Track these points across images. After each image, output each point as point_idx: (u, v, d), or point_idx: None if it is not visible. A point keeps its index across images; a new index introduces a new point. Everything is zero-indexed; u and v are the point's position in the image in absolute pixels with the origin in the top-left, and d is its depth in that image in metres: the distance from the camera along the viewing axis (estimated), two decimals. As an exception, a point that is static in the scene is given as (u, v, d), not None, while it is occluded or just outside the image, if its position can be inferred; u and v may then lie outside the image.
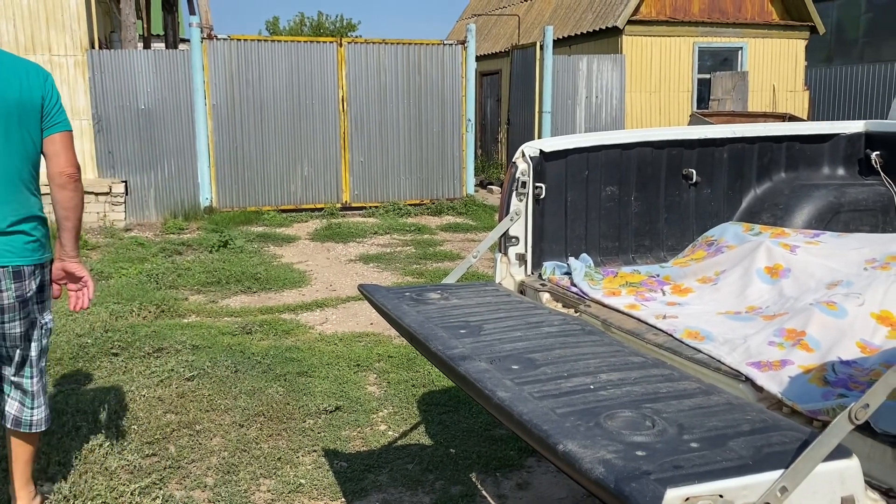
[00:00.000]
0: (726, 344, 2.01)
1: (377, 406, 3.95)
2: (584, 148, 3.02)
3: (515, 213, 2.90)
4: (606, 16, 14.02)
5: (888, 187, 3.26)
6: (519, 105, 12.96)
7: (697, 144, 3.16)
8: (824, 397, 1.69)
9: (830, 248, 2.48)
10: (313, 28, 39.31)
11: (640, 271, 2.84)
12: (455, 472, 3.27)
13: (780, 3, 14.73)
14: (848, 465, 1.33)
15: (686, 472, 1.26)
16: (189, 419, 3.73)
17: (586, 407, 1.55)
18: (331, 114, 10.67)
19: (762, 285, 2.40)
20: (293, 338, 5.16)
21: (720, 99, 13.33)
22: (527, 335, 2.07)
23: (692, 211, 3.21)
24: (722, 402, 1.58)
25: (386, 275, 7.19)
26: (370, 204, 10.92)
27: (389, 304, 2.38)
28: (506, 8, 18.89)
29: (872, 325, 2.01)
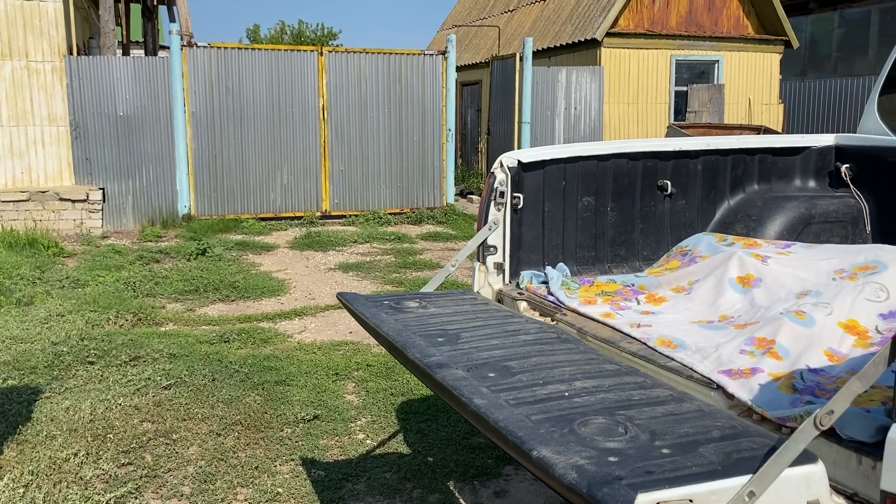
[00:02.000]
0: (698, 352, 2.05)
1: (355, 415, 3.95)
2: (561, 159, 3.07)
3: (494, 223, 2.93)
4: (585, 28, 14.17)
5: (857, 199, 3.34)
6: (499, 115, 13.05)
7: (672, 156, 3.21)
8: (792, 404, 1.73)
9: (801, 258, 2.53)
10: (294, 37, 39.28)
11: (616, 280, 2.88)
12: (433, 480, 3.28)
13: (756, 18, 14.98)
14: (813, 471, 1.37)
15: (657, 478, 1.29)
16: (166, 428, 3.71)
17: (561, 414, 1.57)
18: (311, 122, 10.68)
19: (734, 295, 2.45)
20: (271, 346, 5.15)
21: (697, 111, 13.51)
22: (504, 343, 2.09)
23: (667, 221, 3.26)
24: (693, 409, 1.61)
25: (365, 283, 7.20)
26: (350, 212, 10.92)
27: (368, 313, 2.40)
28: (486, 19, 19.02)
29: (840, 334, 2.06)
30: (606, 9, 13.88)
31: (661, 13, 14.40)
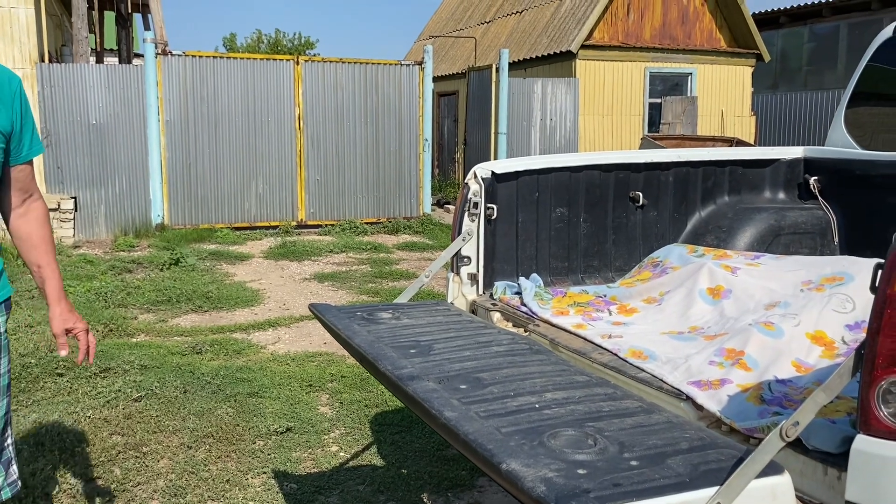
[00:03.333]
0: (668, 363, 2.06)
1: (329, 427, 3.92)
2: (534, 170, 3.08)
3: (467, 234, 2.93)
4: (561, 40, 14.29)
5: (825, 211, 3.39)
6: (475, 126, 13.10)
7: (644, 168, 3.24)
8: (760, 415, 1.75)
9: (769, 269, 2.56)
10: (271, 45, 39.17)
11: (588, 291, 2.89)
12: (406, 492, 3.26)
13: (728, 31, 15.21)
14: (780, 482, 1.38)
15: (625, 490, 1.29)
16: (136, 441, 3.65)
17: (531, 426, 1.57)
18: (287, 131, 10.63)
19: (704, 306, 2.47)
20: (244, 358, 5.10)
21: (671, 123, 13.66)
22: (476, 354, 2.09)
23: (639, 232, 3.29)
24: (662, 421, 1.62)
25: (341, 293, 7.16)
26: (326, 222, 10.88)
27: (340, 324, 2.39)
28: (463, 30, 19.11)
29: (807, 345, 2.08)
30: (582, 21, 14.02)
31: (635, 26, 14.56)
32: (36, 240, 2.07)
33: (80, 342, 2.16)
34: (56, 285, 2.10)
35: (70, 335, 2.13)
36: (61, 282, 2.13)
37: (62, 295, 2.11)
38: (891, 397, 1.31)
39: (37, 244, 2.07)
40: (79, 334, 2.14)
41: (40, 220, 2.09)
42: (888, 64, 3.34)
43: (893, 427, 1.30)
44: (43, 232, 2.09)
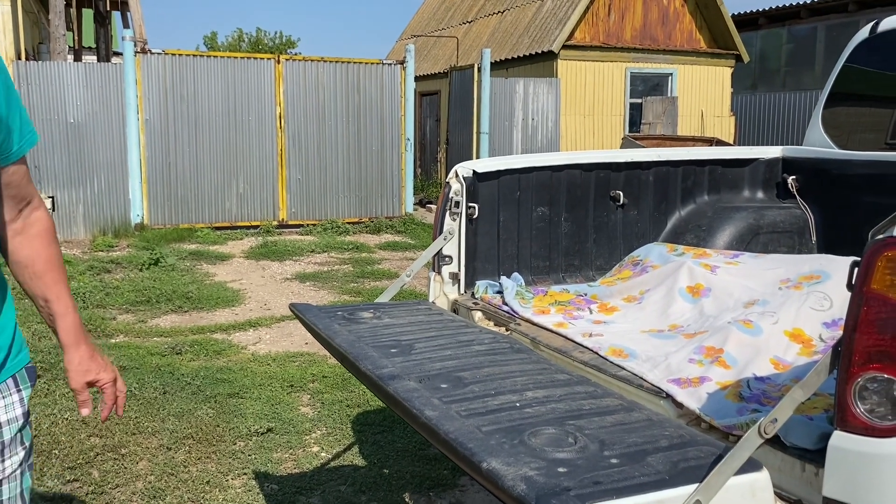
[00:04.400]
0: (648, 361, 2.07)
1: (310, 427, 3.90)
2: (515, 169, 3.08)
3: (449, 233, 2.93)
4: (542, 40, 14.33)
5: (803, 210, 3.42)
6: (458, 125, 13.10)
7: (624, 167, 3.26)
8: (739, 412, 1.76)
9: (748, 268, 2.58)
10: (252, 44, 38.94)
11: (569, 290, 2.90)
12: (388, 492, 3.25)
13: (708, 32, 15.33)
14: (758, 478, 1.39)
15: (605, 488, 1.29)
16: (114, 443, 3.61)
17: (511, 424, 1.57)
18: (268, 130, 10.57)
19: (684, 304, 2.48)
20: (225, 358, 5.06)
21: (651, 123, 13.75)
22: (457, 354, 2.09)
23: (619, 231, 3.30)
24: (642, 419, 1.63)
25: (323, 293, 7.13)
26: (308, 222, 10.83)
27: (320, 324, 2.37)
28: (445, 30, 19.11)
29: (785, 343, 2.10)
30: (563, 21, 14.07)
31: (616, 26, 14.64)
32: (41, 265, 1.51)
33: (107, 395, 1.62)
34: (73, 324, 1.56)
35: (94, 388, 1.60)
36: (79, 319, 1.58)
37: (81, 336, 1.57)
38: (867, 394, 1.33)
39: (42, 271, 1.51)
40: (105, 387, 1.60)
41: (44, 236, 1.53)
42: (864, 65, 3.38)
43: (869, 423, 1.32)
44: (49, 253, 1.53)
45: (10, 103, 1.42)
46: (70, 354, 1.57)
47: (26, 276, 1.53)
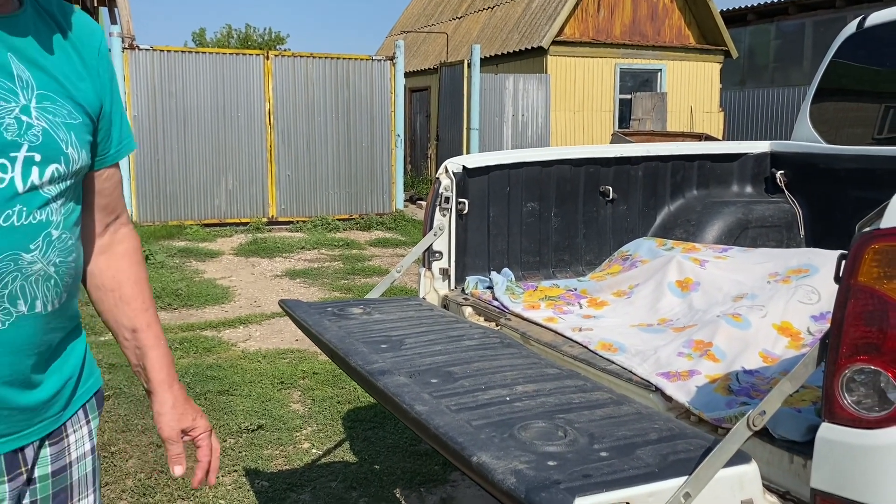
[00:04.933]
0: (638, 355, 2.08)
1: (301, 424, 3.89)
2: (505, 165, 3.08)
3: (439, 229, 2.93)
4: (532, 36, 14.33)
5: (792, 204, 3.44)
6: (448, 122, 13.09)
7: (614, 162, 3.26)
8: (728, 405, 1.77)
9: (737, 262, 2.60)
10: (241, 40, 38.77)
11: (559, 285, 2.90)
12: (379, 488, 3.25)
13: (697, 28, 15.38)
14: (747, 470, 1.39)
15: (595, 481, 1.30)
16: (103, 440, 3.59)
17: (501, 418, 1.57)
18: (257, 127, 10.53)
19: (673, 298, 2.49)
20: (214, 355, 5.05)
21: (641, 119, 13.78)
22: (447, 349, 2.09)
23: (609, 226, 3.31)
24: (632, 412, 1.63)
25: (313, 290, 7.12)
26: (298, 218, 10.81)
27: (310, 320, 2.37)
28: (435, 25, 19.08)
29: (774, 336, 2.11)
30: (552, 17, 14.07)
31: (605, 22, 14.66)
32: (129, 289, 1.32)
33: (201, 452, 1.37)
34: (165, 359, 1.35)
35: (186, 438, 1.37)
36: (171, 356, 1.38)
37: (174, 376, 1.36)
38: (854, 386, 1.33)
39: (130, 296, 1.32)
40: (199, 438, 1.37)
41: (131, 256, 1.34)
42: (851, 60, 3.40)
43: (857, 415, 1.32)
44: (137, 275, 1.34)
45: (114, 98, 1.27)
46: (162, 395, 1.33)
47: (110, 301, 1.31)
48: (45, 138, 1.10)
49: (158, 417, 1.33)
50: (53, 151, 1.11)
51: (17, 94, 1.08)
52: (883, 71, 3.36)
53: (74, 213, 1.20)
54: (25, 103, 1.09)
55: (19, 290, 1.09)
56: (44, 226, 1.11)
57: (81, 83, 1.18)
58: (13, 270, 1.08)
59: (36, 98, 1.10)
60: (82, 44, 1.21)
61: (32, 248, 1.10)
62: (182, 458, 1.34)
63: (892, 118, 3.32)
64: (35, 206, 1.09)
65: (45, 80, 1.13)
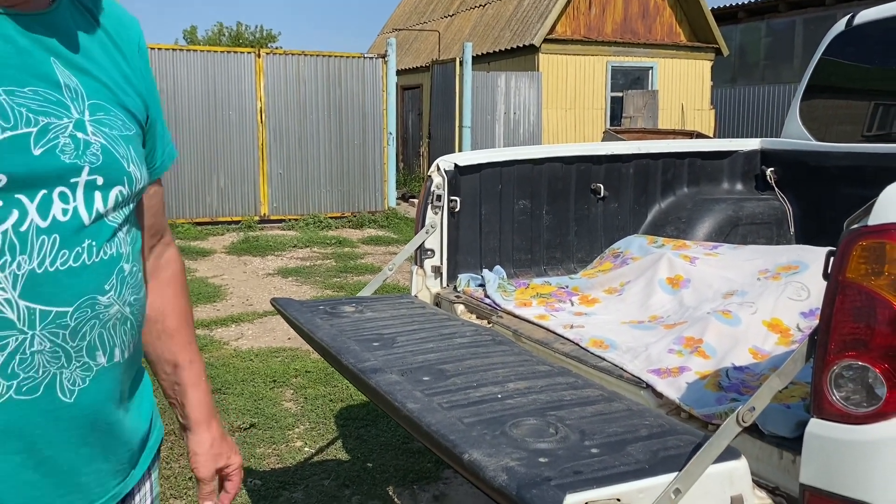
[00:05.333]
0: (629, 352, 2.09)
1: (293, 422, 3.89)
2: (497, 162, 3.09)
3: (431, 226, 2.93)
4: (524, 34, 14.34)
5: (781, 201, 3.46)
6: (440, 119, 13.09)
7: (605, 160, 3.27)
8: (718, 402, 1.78)
9: (727, 259, 2.61)
10: (232, 38, 38.63)
11: (551, 283, 2.91)
12: (372, 486, 3.25)
13: (688, 26, 15.41)
14: (737, 466, 1.40)
15: (585, 478, 1.30)
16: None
17: (493, 416, 1.58)
18: (248, 125, 10.50)
19: (664, 295, 2.50)
20: (206, 354, 5.03)
21: (632, 116, 13.81)
22: (439, 346, 2.09)
23: (600, 224, 3.32)
24: (623, 409, 1.64)
25: (305, 288, 7.11)
26: (290, 217, 10.78)
27: (302, 318, 2.37)
28: (426, 23, 19.06)
29: (763, 333, 2.12)
30: (544, 15, 14.08)
31: (597, 20, 14.68)
32: (173, 321, 1.20)
33: (233, 483, 1.28)
34: (205, 397, 1.24)
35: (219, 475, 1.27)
36: (210, 392, 1.27)
37: (213, 412, 1.26)
38: (843, 381, 1.34)
39: (174, 329, 1.20)
40: (232, 474, 1.28)
41: (176, 282, 1.24)
42: (841, 57, 3.42)
43: (845, 410, 1.33)
44: (182, 306, 1.23)
45: (156, 100, 1.13)
46: (200, 435, 1.23)
47: (152, 333, 1.19)
48: (105, 157, 0.95)
49: (194, 457, 1.24)
50: (116, 172, 0.96)
51: (68, 108, 0.92)
52: (871, 68, 3.38)
53: (138, 242, 1.06)
54: (79, 117, 0.93)
55: (97, 340, 0.95)
56: (115, 261, 0.97)
57: (128, 86, 1.04)
58: (91, 318, 0.93)
59: (89, 109, 0.95)
60: (121, 39, 1.06)
61: (107, 288, 0.96)
62: (213, 496, 1.26)
63: (881, 115, 3.34)
64: (104, 238, 0.95)
65: (93, 86, 0.97)
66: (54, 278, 0.89)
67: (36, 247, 0.87)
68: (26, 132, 0.87)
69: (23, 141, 0.86)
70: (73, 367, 0.92)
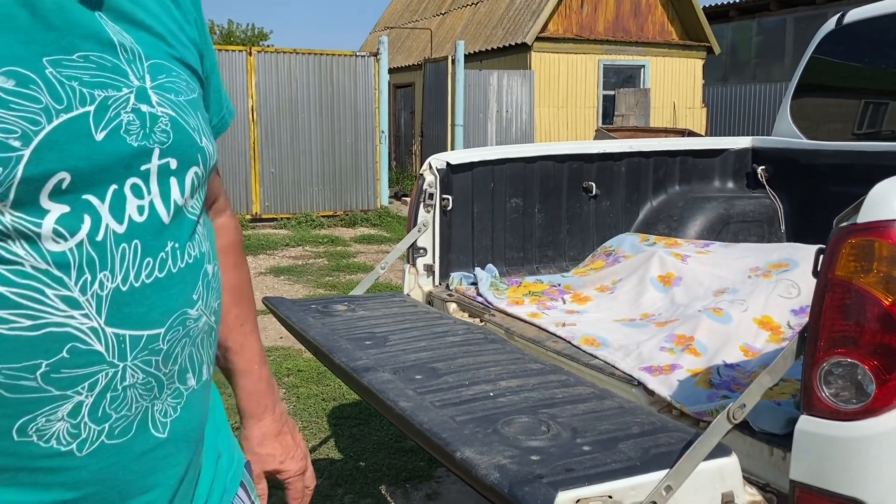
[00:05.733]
0: (620, 350, 2.09)
1: (286, 421, 3.89)
2: (489, 161, 3.09)
3: (423, 225, 2.93)
4: (516, 32, 14.35)
5: (773, 200, 3.47)
6: (432, 118, 13.08)
7: (597, 158, 3.28)
8: (709, 399, 1.79)
9: (718, 257, 2.62)
10: (224, 36, 38.50)
11: (543, 281, 2.91)
12: (364, 485, 3.25)
13: (680, 24, 15.45)
14: (727, 463, 1.41)
15: (577, 475, 1.31)
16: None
17: (485, 414, 1.58)
18: (240, 123, 10.47)
19: (655, 293, 2.51)
20: (199, 353, 5.02)
21: (624, 115, 13.84)
22: (431, 345, 2.09)
23: (592, 222, 3.33)
24: (614, 406, 1.64)
25: (297, 287, 7.10)
26: (282, 215, 10.76)
27: (294, 317, 2.36)
28: (418, 22, 19.05)
29: (754, 330, 2.13)
30: (536, 13, 14.09)
31: (589, 18, 14.70)
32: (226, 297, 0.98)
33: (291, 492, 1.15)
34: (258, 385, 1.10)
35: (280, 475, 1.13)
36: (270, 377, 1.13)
37: (269, 404, 1.11)
38: (832, 378, 1.35)
39: (226, 306, 1.00)
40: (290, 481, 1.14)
41: (232, 252, 1.07)
42: (831, 56, 3.44)
43: (835, 407, 1.34)
44: (238, 279, 1.06)
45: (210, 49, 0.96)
46: (249, 429, 1.10)
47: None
48: (175, 133, 0.76)
49: (250, 445, 1.10)
50: (189, 149, 0.79)
51: (125, 74, 0.73)
52: (862, 67, 3.39)
53: (212, 231, 0.89)
54: (140, 84, 0.74)
55: (187, 360, 0.80)
56: (199, 263, 0.81)
57: (182, 34, 0.84)
58: (182, 337, 0.78)
59: (149, 72, 0.75)
60: None
61: (195, 298, 0.80)
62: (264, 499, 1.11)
63: (871, 114, 3.35)
64: (186, 236, 0.79)
65: (149, 41, 0.77)
66: (142, 295, 0.73)
67: (117, 259, 0.71)
68: (83, 112, 0.67)
69: (81, 124, 0.67)
70: (164, 397, 0.78)
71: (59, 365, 0.68)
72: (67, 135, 0.66)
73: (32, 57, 0.65)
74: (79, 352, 0.69)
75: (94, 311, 0.69)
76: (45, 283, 0.66)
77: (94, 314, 0.70)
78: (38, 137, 0.64)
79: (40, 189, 0.64)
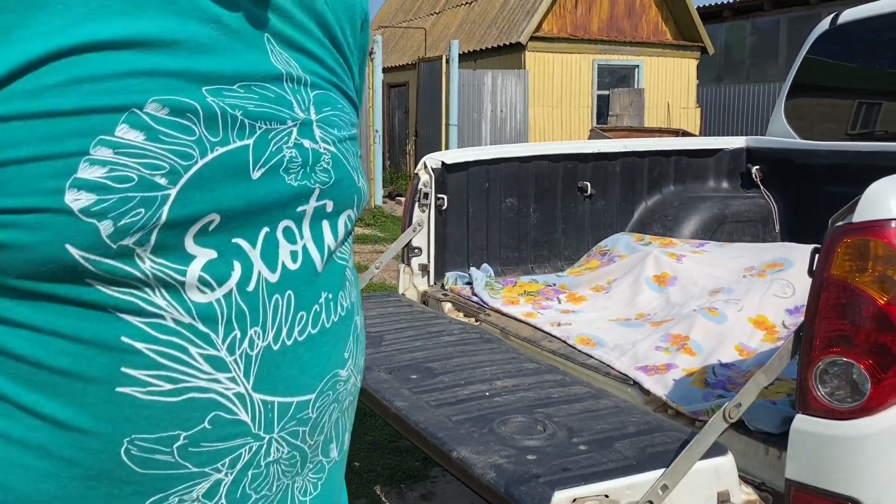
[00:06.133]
0: (616, 349, 2.10)
1: (280, 421, 3.88)
2: (484, 160, 3.09)
3: (418, 224, 2.93)
4: (510, 32, 14.36)
5: (767, 199, 3.48)
6: (426, 117, 13.08)
7: (592, 158, 3.28)
8: (704, 398, 1.79)
9: (713, 257, 2.62)
10: (217, 35, 38.40)
11: (538, 280, 2.92)
12: (359, 485, 3.25)
13: (674, 24, 15.49)
14: (723, 462, 1.41)
15: (573, 474, 1.31)
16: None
17: (481, 413, 1.58)
18: (234, 123, 10.45)
19: (651, 293, 2.51)
20: (193, 353, 5.01)
21: (618, 114, 13.87)
22: (427, 345, 2.09)
23: (587, 222, 3.33)
24: (610, 406, 1.64)
25: (291, 287, 7.08)
26: (276, 215, 10.74)
27: (289, 317, 2.36)
28: (412, 21, 19.04)
29: (749, 330, 2.14)
30: (530, 13, 14.10)
31: (583, 18, 14.72)
32: None
33: None
34: None
35: None
36: None
37: None
38: (827, 377, 1.36)
39: None
40: None
41: None
42: (825, 56, 3.45)
43: (830, 406, 1.35)
44: None
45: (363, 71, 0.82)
46: None
47: None
48: (337, 173, 0.67)
49: None
50: (347, 191, 0.70)
51: (290, 105, 0.63)
52: (855, 67, 3.41)
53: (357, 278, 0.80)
54: (304, 116, 0.64)
55: (333, 430, 0.70)
56: (350, 315, 0.72)
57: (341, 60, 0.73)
58: (332, 402, 0.69)
59: (314, 104, 0.66)
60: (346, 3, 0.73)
61: (346, 357, 0.71)
62: None
63: (865, 114, 3.37)
64: (337, 286, 0.70)
65: (312, 68, 0.67)
66: (294, 355, 0.63)
67: (269, 313, 0.61)
68: (241, 147, 0.58)
69: (238, 160, 0.58)
70: (305, 472, 0.68)
71: (199, 437, 0.58)
72: (220, 171, 0.57)
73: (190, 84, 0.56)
74: (222, 422, 0.59)
75: (242, 375, 0.59)
76: (189, 339, 0.57)
77: (242, 378, 0.59)
78: (187, 174, 0.55)
79: (185, 232, 0.56)
